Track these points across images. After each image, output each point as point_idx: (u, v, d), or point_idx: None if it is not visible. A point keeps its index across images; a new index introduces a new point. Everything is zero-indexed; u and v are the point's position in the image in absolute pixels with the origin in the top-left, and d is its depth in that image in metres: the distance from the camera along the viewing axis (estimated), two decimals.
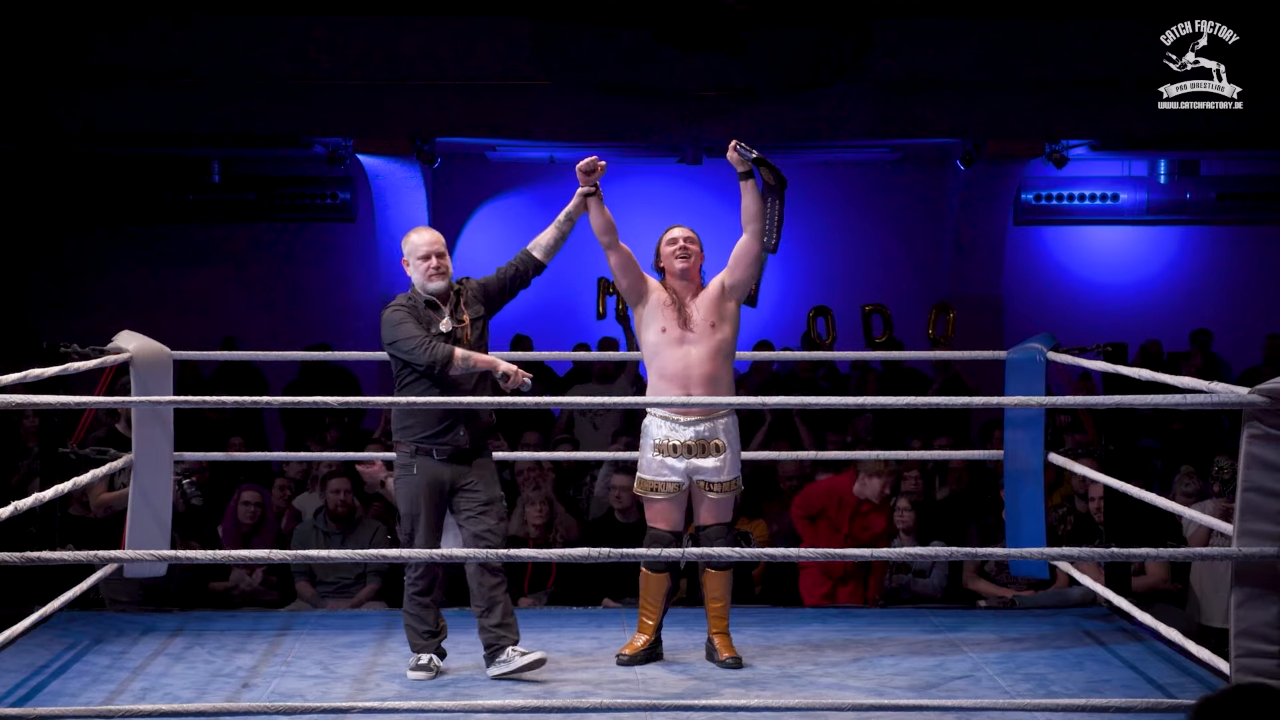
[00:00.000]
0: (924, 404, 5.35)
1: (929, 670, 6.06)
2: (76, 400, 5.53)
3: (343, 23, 13.11)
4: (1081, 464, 6.99)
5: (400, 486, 5.98)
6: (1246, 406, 4.77)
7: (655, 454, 6.05)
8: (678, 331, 6.08)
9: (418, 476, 5.91)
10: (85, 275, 14.95)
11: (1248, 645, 4.80)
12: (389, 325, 5.90)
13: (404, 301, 5.97)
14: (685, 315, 6.11)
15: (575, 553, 5.27)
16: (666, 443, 6.04)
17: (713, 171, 14.91)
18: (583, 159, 6.22)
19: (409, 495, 5.94)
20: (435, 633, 6.04)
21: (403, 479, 5.96)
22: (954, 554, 5.08)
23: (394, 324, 5.89)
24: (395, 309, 5.94)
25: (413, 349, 5.82)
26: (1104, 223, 15.16)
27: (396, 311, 5.92)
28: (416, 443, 5.91)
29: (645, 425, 6.13)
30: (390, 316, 5.91)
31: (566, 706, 5.25)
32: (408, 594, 6.03)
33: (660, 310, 6.10)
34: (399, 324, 5.88)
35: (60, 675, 5.95)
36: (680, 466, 6.06)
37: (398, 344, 5.86)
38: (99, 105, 13.07)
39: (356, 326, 14.66)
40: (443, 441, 5.91)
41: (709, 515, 6.17)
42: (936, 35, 13.22)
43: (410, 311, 5.93)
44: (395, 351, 5.89)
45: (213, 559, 5.71)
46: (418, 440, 5.91)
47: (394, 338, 5.87)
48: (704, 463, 6.08)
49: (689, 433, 6.05)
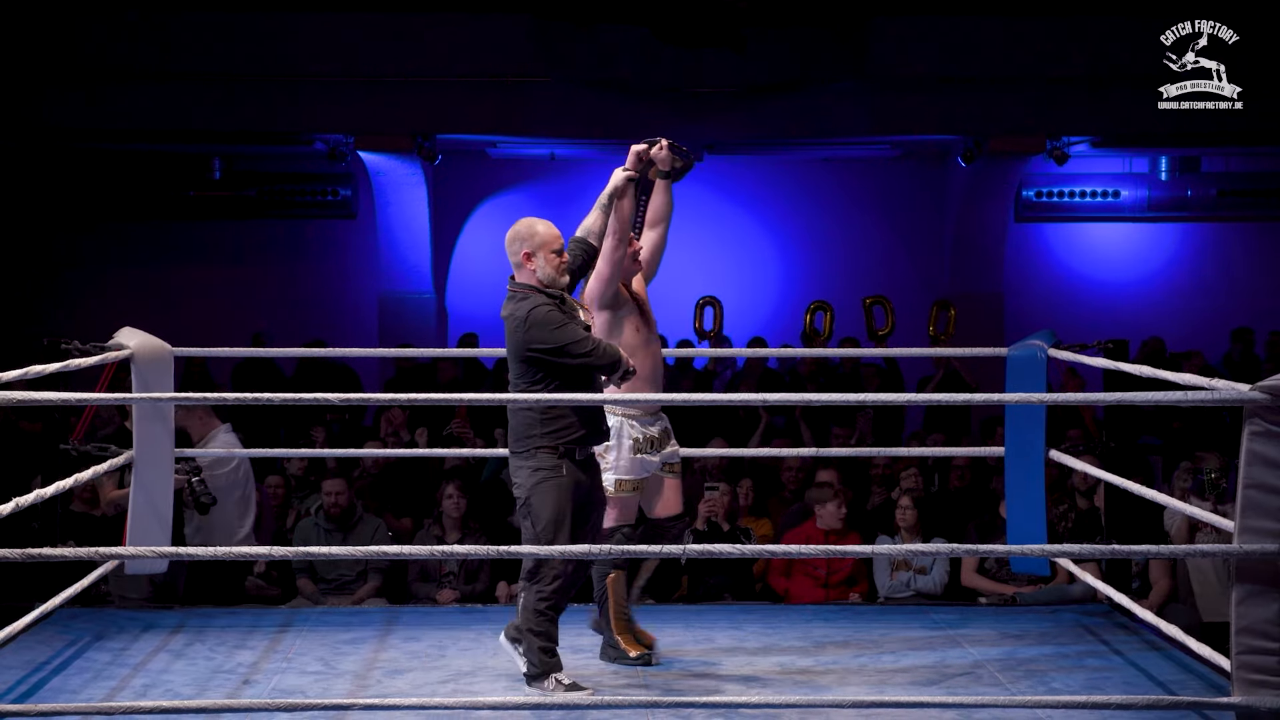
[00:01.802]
0: (924, 400, 5.34)
1: (930, 667, 6.06)
2: (77, 397, 5.53)
3: (344, 20, 13.11)
4: (1082, 461, 6.99)
5: (543, 491, 5.54)
6: (1247, 403, 4.77)
7: (634, 453, 6.03)
8: (646, 332, 6.05)
9: (566, 479, 5.56)
10: (85, 272, 14.96)
11: (1249, 642, 4.80)
12: (546, 326, 5.47)
13: (545, 299, 5.52)
14: (646, 316, 6.08)
15: (575, 549, 5.27)
16: (644, 439, 6.04)
17: (714, 168, 14.92)
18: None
19: (555, 500, 5.53)
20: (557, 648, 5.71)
21: (548, 483, 5.54)
22: (955, 550, 5.08)
23: (555, 325, 5.47)
24: (545, 308, 5.50)
25: (590, 350, 5.46)
26: (1105, 219, 15.16)
27: (551, 311, 5.49)
28: (566, 445, 5.56)
29: (617, 428, 5.96)
30: (547, 316, 5.48)
31: (567, 704, 5.25)
32: (534, 609, 5.59)
33: (631, 311, 6.05)
34: (562, 325, 5.48)
35: (61, 672, 5.95)
36: (655, 460, 6.08)
37: (567, 347, 5.45)
38: (99, 102, 13.07)
39: (356, 322, 14.69)
40: (587, 443, 5.66)
41: (674, 502, 6.17)
42: (937, 32, 13.22)
43: (560, 309, 5.52)
44: (561, 355, 5.47)
45: (213, 556, 5.71)
46: (567, 442, 5.56)
47: (561, 340, 5.45)
48: (668, 450, 6.12)
49: (657, 428, 6.08)
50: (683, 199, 16.41)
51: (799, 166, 15.42)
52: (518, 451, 5.62)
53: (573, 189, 13.90)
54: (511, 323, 5.56)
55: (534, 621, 5.59)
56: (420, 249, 14.48)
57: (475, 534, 8.64)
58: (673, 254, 6.32)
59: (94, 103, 13.08)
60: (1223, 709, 4.97)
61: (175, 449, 6.92)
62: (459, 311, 14.83)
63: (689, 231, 14.86)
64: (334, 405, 8.62)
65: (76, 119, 13.23)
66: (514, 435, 5.62)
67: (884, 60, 13.17)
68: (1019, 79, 13.22)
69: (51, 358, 6.21)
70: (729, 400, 5.76)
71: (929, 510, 8.96)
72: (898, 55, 13.19)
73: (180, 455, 7.15)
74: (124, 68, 12.93)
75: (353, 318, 14.76)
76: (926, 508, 8.92)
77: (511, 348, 5.57)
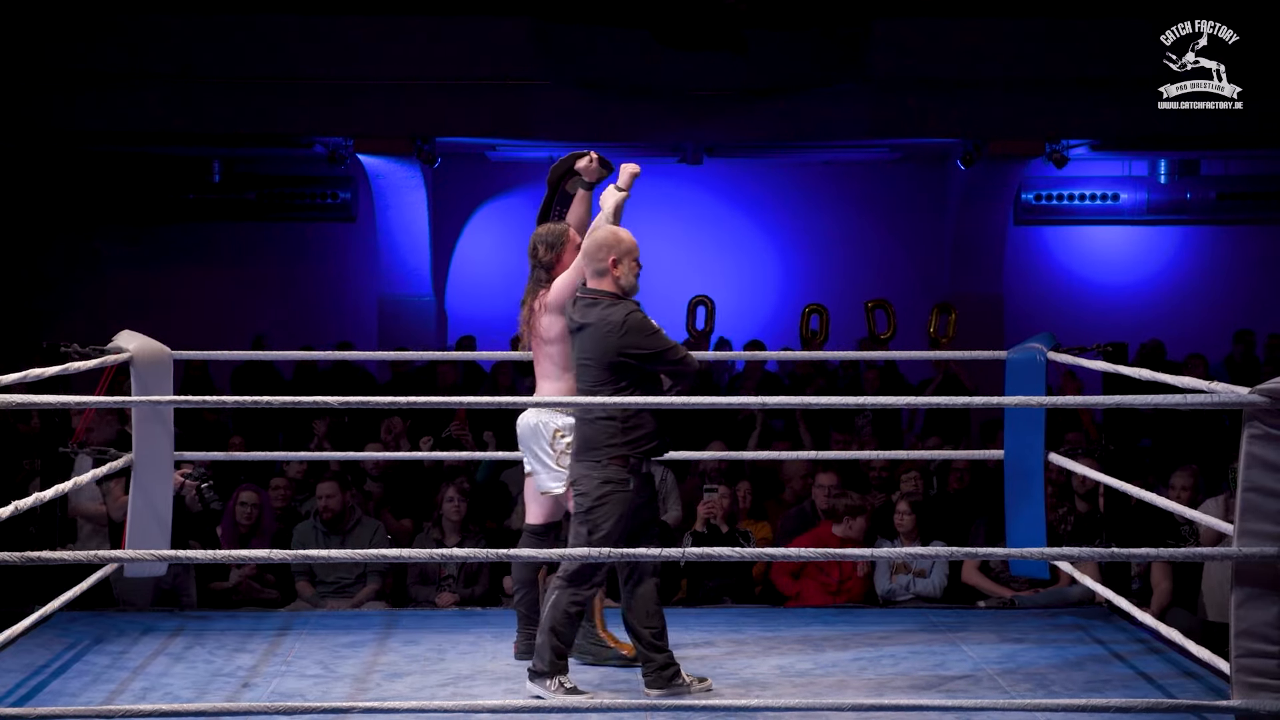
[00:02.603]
0: (924, 404, 5.34)
1: (929, 670, 6.06)
2: (76, 400, 5.53)
3: (343, 23, 13.11)
4: (1082, 464, 6.99)
5: (611, 504, 5.55)
6: (1246, 406, 4.77)
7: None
8: None
9: (632, 494, 5.59)
10: (85, 275, 14.96)
11: (1248, 645, 4.80)
12: (643, 332, 5.55)
13: (636, 305, 5.62)
14: None
15: (576, 552, 5.27)
16: None
17: (713, 171, 14.93)
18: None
19: (620, 515, 5.56)
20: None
21: (616, 495, 5.56)
22: (954, 554, 5.08)
23: (650, 331, 5.56)
24: (640, 314, 5.59)
25: (682, 358, 5.55)
26: (1104, 222, 15.17)
27: (645, 317, 5.58)
28: (639, 455, 5.58)
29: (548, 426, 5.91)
30: (644, 322, 5.56)
31: (566, 706, 5.25)
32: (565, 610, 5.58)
33: None
34: (656, 331, 5.57)
35: (60, 675, 5.95)
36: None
37: (663, 353, 5.54)
38: (99, 105, 13.07)
39: (356, 325, 14.69)
40: (658, 454, 5.66)
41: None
42: (936, 35, 13.22)
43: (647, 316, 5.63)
44: (655, 360, 5.56)
45: (213, 559, 5.71)
46: (641, 452, 5.59)
47: (658, 346, 5.54)
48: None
49: None
50: (682, 201, 16.48)
51: (799, 169, 15.43)
52: (585, 460, 5.61)
53: None
54: (603, 327, 5.57)
55: (561, 622, 5.59)
56: (420, 252, 14.48)
57: (475, 537, 8.64)
58: (672, 256, 6.33)
59: (94, 106, 13.08)
60: (1222, 712, 4.97)
61: (176, 452, 6.93)
62: (458, 314, 14.84)
63: (688, 234, 14.92)
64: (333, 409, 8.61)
65: (76, 122, 13.23)
66: (586, 443, 5.61)
67: (883, 63, 13.17)
68: (1018, 82, 13.22)
69: (51, 360, 6.22)
70: (728, 403, 5.75)
71: (928, 513, 8.95)
72: (897, 58, 13.19)
73: (180, 459, 7.15)
74: (123, 71, 12.93)
75: (352, 321, 14.76)
76: (926, 511, 8.92)
77: (596, 353, 5.59)
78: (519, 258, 7.02)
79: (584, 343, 5.63)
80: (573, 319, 5.70)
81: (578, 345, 5.68)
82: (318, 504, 8.56)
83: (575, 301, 5.71)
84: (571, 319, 5.71)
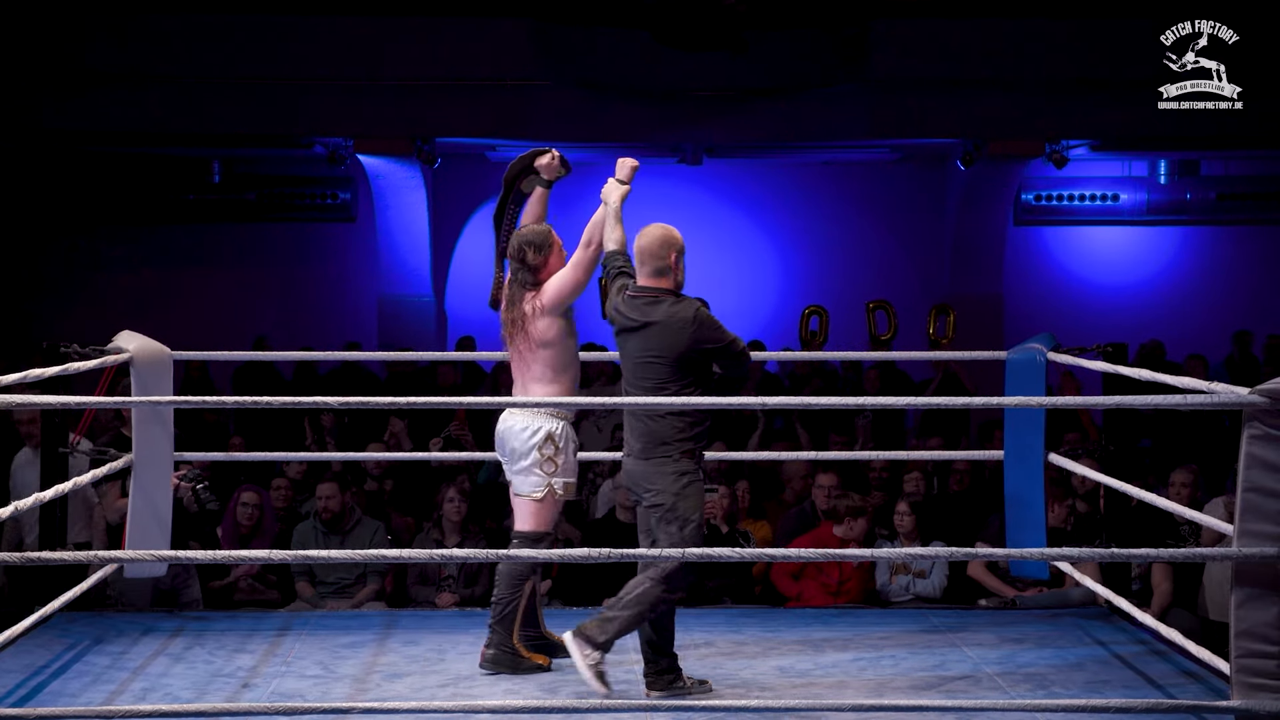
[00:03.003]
0: (924, 404, 5.35)
1: (929, 670, 6.06)
2: (76, 400, 5.53)
3: (343, 23, 13.11)
4: (1082, 464, 6.99)
5: (690, 495, 5.59)
6: (1246, 406, 4.77)
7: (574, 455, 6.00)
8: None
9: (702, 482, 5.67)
10: (85, 275, 14.97)
11: (1248, 646, 4.80)
12: (714, 326, 5.61)
13: (700, 300, 5.71)
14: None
15: (575, 553, 5.27)
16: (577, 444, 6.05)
17: (712, 172, 14.92)
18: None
19: (700, 502, 5.62)
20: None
21: (694, 485, 5.61)
22: (954, 554, 5.08)
23: (718, 325, 5.62)
24: (705, 309, 5.66)
25: (743, 350, 5.64)
26: (1104, 223, 15.17)
27: (710, 312, 5.66)
28: (701, 449, 5.66)
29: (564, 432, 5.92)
30: (711, 317, 5.62)
31: (566, 707, 5.24)
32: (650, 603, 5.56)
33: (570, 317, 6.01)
34: (721, 325, 5.63)
35: (60, 675, 5.95)
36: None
37: (727, 347, 5.60)
38: (99, 105, 13.07)
39: (356, 325, 14.69)
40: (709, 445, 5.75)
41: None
42: (936, 35, 13.23)
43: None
44: (724, 354, 5.61)
45: (213, 559, 5.71)
46: (703, 446, 5.67)
47: (726, 338, 5.60)
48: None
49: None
50: (682, 202, 16.50)
51: (798, 170, 15.43)
52: (656, 457, 5.61)
53: (572, 192, 13.87)
54: (674, 324, 5.59)
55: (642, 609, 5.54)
56: (419, 252, 14.48)
57: (475, 537, 8.64)
58: None
59: (93, 106, 13.08)
60: (1222, 712, 4.97)
61: (175, 453, 6.93)
62: (458, 315, 14.83)
63: (688, 234, 14.89)
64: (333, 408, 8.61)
65: (76, 122, 13.23)
66: (652, 440, 5.61)
67: (883, 63, 13.17)
68: (1018, 82, 13.22)
69: (51, 361, 6.22)
70: (728, 404, 5.75)
71: (928, 514, 8.96)
72: (897, 58, 13.20)
73: (180, 460, 7.15)
74: (123, 71, 12.93)
75: (352, 321, 14.76)
76: (926, 511, 8.92)
77: (666, 349, 5.59)
78: None
79: (648, 340, 5.61)
80: (630, 318, 5.66)
81: (637, 343, 5.64)
82: (317, 504, 8.56)
83: (630, 300, 5.68)
84: (628, 318, 5.66)
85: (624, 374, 5.72)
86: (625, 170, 6.06)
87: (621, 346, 5.73)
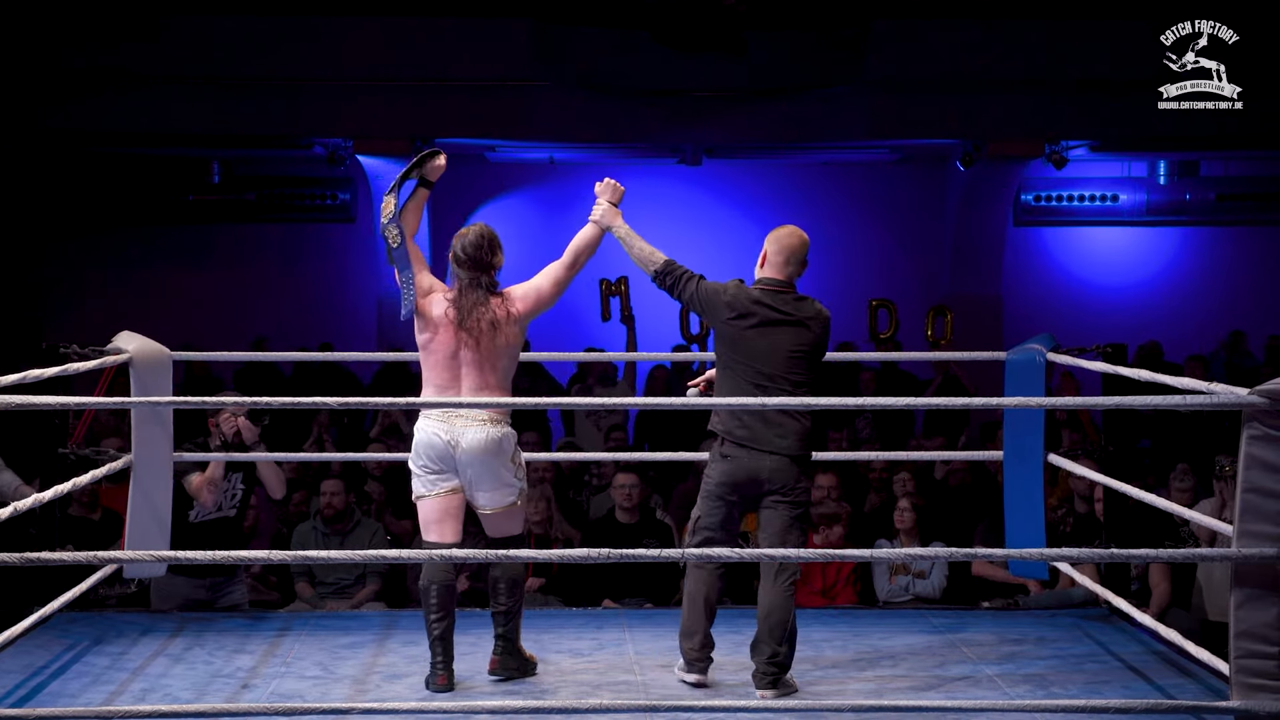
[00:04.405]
0: (924, 404, 5.34)
1: (929, 671, 6.06)
2: (76, 401, 5.53)
3: (342, 23, 13.12)
4: (1081, 464, 6.99)
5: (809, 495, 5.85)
6: (1246, 407, 4.77)
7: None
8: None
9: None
10: (85, 275, 14.97)
11: (1247, 646, 4.80)
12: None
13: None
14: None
15: (575, 553, 5.26)
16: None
17: (712, 172, 14.92)
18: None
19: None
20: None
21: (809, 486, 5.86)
22: (954, 554, 5.07)
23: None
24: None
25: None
26: (1104, 224, 15.18)
27: None
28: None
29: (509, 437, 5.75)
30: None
31: (566, 707, 5.24)
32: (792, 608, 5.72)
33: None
34: None
35: (60, 676, 5.95)
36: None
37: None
38: (98, 106, 13.08)
39: (355, 326, 14.69)
40: None
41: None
42: (936, 36, 13.23)
43: None
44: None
45: (212, 559, 5.71)
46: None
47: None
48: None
49: None
50: (681, 202, 16.45)
51: (798, 170, 15.43)
52: (799, 457, 5.67)
53: (571, 193, 13.91)
54: (819, 323, 5.71)
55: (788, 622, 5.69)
56: None
57: (475, 537, 8.62)
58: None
59: (93, 107, 13.09)
60: (1221, 713, 4.97)
61: (175, 452, 6.93)
62: None
63: (687, 235, 14.90)
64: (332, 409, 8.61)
65: (75, 123, 13.24)
66: (799, 439, 5.65)
67: (883, 64, 13.18)
68: (1018, 83, 13.23)
69: (51, 361, 6.22)
70: (728, 404, 5.75)
71: (928, 514, 8.95)
72: (897, 59, 13.20)
73: (180, 459, 7.15)
74: (123, 72, 12.94)
75: (352, 321, 14.76)
76: (925, 511, 8.92)
77: (810, 347, 5.68)
78: (519, 258, 7.06)
79: (801, 336, 5.66)
80: (782, 311, 5.68)
81: (787, 337, 5.64)
82: (321, 501, 8.55)
83: (772, 294, 5.73)
84: (780, 311, 5.68)
85: (760, 368, 5.64)
86: (616, 193, 5.96)
87: (758, 339, 5.67)
